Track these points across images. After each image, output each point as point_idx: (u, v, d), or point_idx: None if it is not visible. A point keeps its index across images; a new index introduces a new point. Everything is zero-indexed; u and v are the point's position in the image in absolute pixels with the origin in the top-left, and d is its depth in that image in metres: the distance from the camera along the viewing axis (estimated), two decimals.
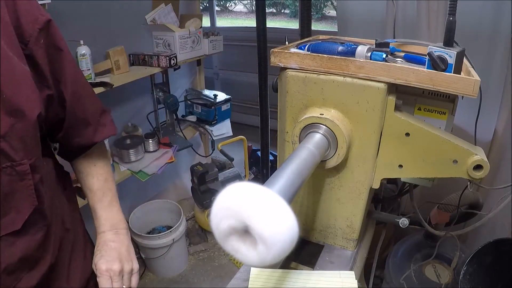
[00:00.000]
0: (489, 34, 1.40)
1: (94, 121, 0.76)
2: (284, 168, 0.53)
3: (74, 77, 0.70)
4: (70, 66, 0.69)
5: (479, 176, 0.66)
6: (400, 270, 1.33)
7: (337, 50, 0.75)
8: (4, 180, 0.57)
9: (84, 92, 0.74)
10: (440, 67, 0.64)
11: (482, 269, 1.03)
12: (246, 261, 0.42)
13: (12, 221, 0.60)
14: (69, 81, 0.68)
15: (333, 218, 0.84)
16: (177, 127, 2.20)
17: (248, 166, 2.42)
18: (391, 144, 0.71)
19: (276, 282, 0.75)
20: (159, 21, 2.01)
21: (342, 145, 0.69)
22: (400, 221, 0.85)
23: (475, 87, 0.60)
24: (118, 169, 1.84)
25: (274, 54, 0.74)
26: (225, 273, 2.06)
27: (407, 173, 0.73)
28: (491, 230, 1.41)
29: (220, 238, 0.43)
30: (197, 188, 2.03)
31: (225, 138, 2.33)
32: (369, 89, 0.67)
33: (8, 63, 0.55)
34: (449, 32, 0.65)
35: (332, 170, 0.76)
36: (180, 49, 1.98)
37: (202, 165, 2.05)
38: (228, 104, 2.37)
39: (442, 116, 0.74)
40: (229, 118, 2.41)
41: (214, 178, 2.04)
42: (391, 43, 0.79)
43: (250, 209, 0.39)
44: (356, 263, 0.83)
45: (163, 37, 1.98)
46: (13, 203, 0.60)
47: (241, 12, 7.19)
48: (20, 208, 0.61)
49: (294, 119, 0.76)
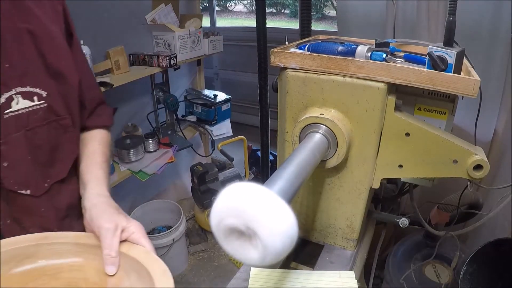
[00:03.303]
0: (489, 34, 1.40)
1: (90, 107, 0.80)
2: (284, 168, 0.53)
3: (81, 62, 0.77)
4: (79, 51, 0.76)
5: (479, 176, 0.66)
6: (400, 270, 1.33)
7: (337, 50, 0.75)
8: (52, 133, 0.67)
9: (85, 77, 0.77)
10: (440, 67, 0.64)
11: (482, 269, 1.03)
12: (245, 260, 0.43)
13: (59, 170, 0.71)
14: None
15: (333, 218, 0.84)
16: (177, 127, 2.20)
17: (248, 166, 2.42)
18: (391, 144, 0.71)
19: (276, 282, 0.75)
20: (159, 21, 2.01)
21: (342, 145, 0.69)
22: (400, 221, 0.86)
23: (475, 87, 0.60)
24: (118, 169, 1.84)
25: (274, 54, 0.74)
26: (225, 273, 2.06)
27: (407, 173, 0.73)
28: (491, 230, 1.41)
29: (220, 238, 0.43)
30: (197, 188, 2.03)
31: (225, 138, 2.33)
32: (369, 89, 0.67)
33: (51, 36, 0.65)
34: (449, 32, 0.65)
35: (332, 170, 0.76)
36: (180, 49, 1.98)
37: (202, 165, 2.05)
38: (228, 104, 2.37)
39: (442, 116, 0.74)
40: (229, 118, 2.41)
41: (214, 178, 2.04)
42: (391, 43, 0.79)
43: (249, 209, 0.39)
44: (356, 263, 0.83)
45: (163, 37, 1.98)
46: (59, 153, 0.70)
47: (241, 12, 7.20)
48: (65, 158, 0.72)
49: (294, 119, 0.76)
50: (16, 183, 0.64)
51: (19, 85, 0.61)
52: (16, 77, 0.61)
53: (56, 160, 0.69)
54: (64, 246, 0.61)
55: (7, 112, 0.60)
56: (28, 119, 0.63)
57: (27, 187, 0.65)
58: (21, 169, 0.64)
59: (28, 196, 0.66)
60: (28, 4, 0.63)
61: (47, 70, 0.65)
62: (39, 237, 0.60)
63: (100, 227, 0.61)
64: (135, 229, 0.63)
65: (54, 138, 0.68)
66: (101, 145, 0.80)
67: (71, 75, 0.69)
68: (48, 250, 0.60)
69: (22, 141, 0.63)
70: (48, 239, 0.60)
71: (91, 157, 0.77)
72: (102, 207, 0.66)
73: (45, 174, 0.68)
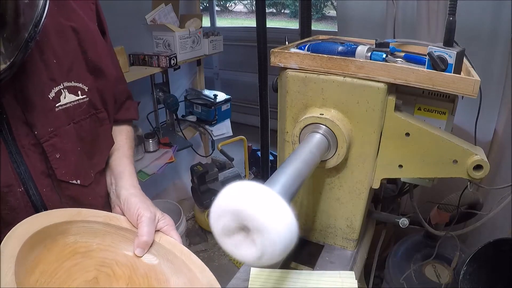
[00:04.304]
0: (489, 34, 1.40)
1: (119, 101, 0.84)
2: (284, 168, 0.53)
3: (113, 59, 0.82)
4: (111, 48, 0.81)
5: (479, 176, 0.66)
6: (400, 270, 1.33)
7: (337, 50, 0.75)
8: (92, 126, 0.71)
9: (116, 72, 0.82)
10: (440, 67, 0.64)
11: (482, 269, 1.03)
12: (245, 260, 0.42)
13: (99, 161, 0.75)
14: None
15: (333, 218, 0.84)
16: (177, 127, 2.20)
17: (248, 166, 2.42)
18: (391, 144, 0.71)
19: (276, 282, 0.75)
20: (159, 21, 2.01)
21: (342, 145, 0.69)
22: (400, 221, 0.85)
23: (475, 87, 0.60)
24: None
25: (274, 54, 0.74)
26: (225, 273, 2.06)
27: (407, 173, 0.73)
28: (491, 230, 1.41)
29: (220, 237, 0.43)
30: (197, 188, 2.02)
31: (225, 138, 2.33)
32: (369, 89, 0.67)
33: (91, 34, 0.70)
34: (449, 32, 0.65)
35: (332, 170, 0.76)
36: (180, 49, 1.98)
37: (202, 165, 2.05)
38: (228, 104, 2.37)
39: (442, 116, 0.74)
40: (229, 118, 2.41)
41: (214, 178, 2.04)
42: (391, 43, 0.79)
43: (249, 208, 0.39)
44: (356, 263, 0.83)
45: (163, 37, 1.98)
46: (98, 145, 0.74)
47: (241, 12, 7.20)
48: (103, 149, 0.76)
49: (294, 119, 0.76)
50: (67, 174, 0.67)
51: (65, 80, 0.64)
52: (63, 72, 0.64)
53: (96, 152, 0.73)
54: (95, 225, 0.64)
55: (57, 106, 0.64)
56: (74, 112, 0.67)
57: (77, 177, 0.69)
58: (71, 160, 0.67)
59: (78, 186, 0.69)
60: (70, 2, 0.66)
61: (87, 66, 0.69)
62: (73, 212, 0.62)
63: (141, 215, 0.67)
64: (168, 222, 0.70)
65: (94, 130, 0.72)
66: (128, 139, 0.85)
67: (109, 71, 0.74)
68: (79, 227, 0.62)
69: (72, 133, 0.67)
70: (81, 215, 0.63)
71: (121, 150, 0.81)
72: (140, 197, 0.72)
73: (90, 164, 0.72)
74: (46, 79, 0.62)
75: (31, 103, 0.60)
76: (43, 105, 0.62)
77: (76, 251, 0.60)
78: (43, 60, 0.61)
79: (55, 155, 0.64)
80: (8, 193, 0.60)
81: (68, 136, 0.66)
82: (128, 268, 0.63)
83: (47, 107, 0.62)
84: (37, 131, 0.61)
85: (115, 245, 0.65)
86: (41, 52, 0.61)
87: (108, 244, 0.64)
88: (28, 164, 0.62)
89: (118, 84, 0.81)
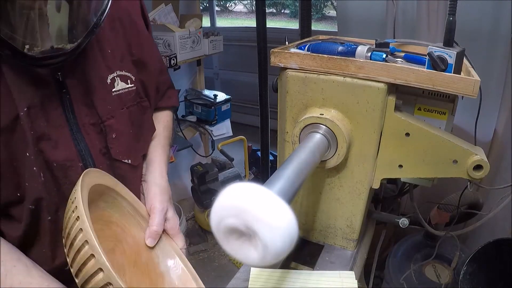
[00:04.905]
0: (489, 34, 1.40)
1: (162, 90, 0.89)
2: (284, 168, 0.53)
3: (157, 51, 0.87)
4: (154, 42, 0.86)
5: (479, 176, 0.66)
6: (400, 270, 1.33)
7: (337, 50, 0.75)
8: (138, 113, 0.76)
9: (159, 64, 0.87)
10: (440, 67, 0.64)
11: (482, 269, 1.03)
12: (245, 260, 0.42)
13: (144, 145, 0.81)
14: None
15: (333, 218, 0.84)
16: (177, 127, 2.20)
17: (248, 166, 2.42)
18: (391, 144, 0.71)
19: (276, 282, 0.75)
20: (159, 21, 2.01)
21: (342, 145, 0.69)
22: (400, 221, 0.85)
23: (475, 87, 0.60)
24: None
25: (274, 54, 0.74)
26: (225, 273, 2.06)
27: (407, 173, 0.73)
28: (491, 230, 1.41)
29: (220, 238, 0.43)
30: (197, 188, 2.02)
31: (225, 138, 2.33)
32: (369, 89, 0.67)
33: (137, 29, 0.76)
34: (449, 32, 0.65)
35: (332, 170, 0.76)
36: (180, 49, 1.98)
37: (202, 165, 2.05)
38: (228, 104, 2.37)
39: (442, 116, 0.74)
40: (229, 118, 2.41)
41: (214, 178, 2.04)
42: (391, 43, 0.79)
43: (249, 209, 0.39)
44: (356, 263, 0.83)
45: (163, 37, 1.98)
46: (143, 131, 0.79)
47: (241, 12, 7.20)
48: (146, 135, 0.81)
49: (294, 119, 0.76)
50: (121, 153, 0.72)
51: (118, 68, 0.71)
52: (116, 61, 0.70)
53: (141, 136, 0.79)
54: (123, 202, 0.69)
55: (113, 91, 0.70)
56: (126, 98, 0.72)
57: (128, 157, 0.74)
58: (124, 140, 0.72)
59: (129, 166, 0.74)
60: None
61: (132, 58, 0.75)
62: (113, 182, 0.67)
63: (154, 206, 0.72)
64: (174, 225, 0.74)
65: (140, 117, 0.77)
66: (165, 129, 0.89)
67: (153, 64, 0.80)
68: (112, 197, 0.67)
69: (125, 116, 0.72)
70: (117, 186, 0.68)
71: (156, 138, 0.86)
72: (161, 189, 0.77)
73: (138, 147, 0.78)
74: (103, 66, 0.68)
75: (93, 86, 0.66)
76: (103, 88, 0.68)
77: (101, 217, 0.63)
78: (100, 48, 0.67)
79: (111, 134, 0.70)
80: (70, 167, 0.64)
81: (123, 118, 0.72)
82: (134, 252, 0.67)
83: (106, 90, 0.68)
84: (98, 111, 0.67)
85: (129, 226, 0.69)
86: (98, 41, 0.67)
87: (123, 225, 0.68)
88: (87, 141, 0.66)
89: (161, 76, 0.86)
